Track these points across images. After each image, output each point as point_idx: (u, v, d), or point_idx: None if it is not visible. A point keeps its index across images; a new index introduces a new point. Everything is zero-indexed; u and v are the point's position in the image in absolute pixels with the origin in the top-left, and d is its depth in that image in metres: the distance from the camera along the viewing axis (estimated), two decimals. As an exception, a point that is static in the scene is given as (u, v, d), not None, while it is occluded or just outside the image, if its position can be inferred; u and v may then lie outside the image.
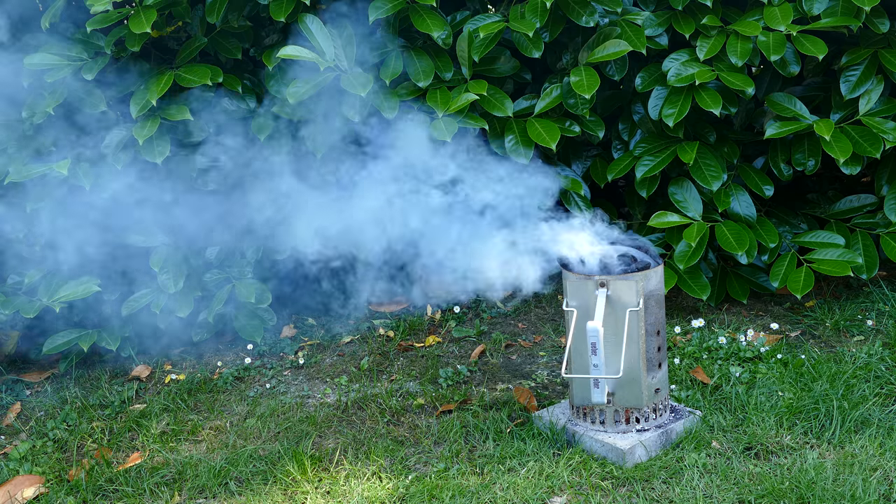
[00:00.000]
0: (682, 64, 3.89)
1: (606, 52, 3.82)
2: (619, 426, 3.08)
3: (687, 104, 3.84)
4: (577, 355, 3.06)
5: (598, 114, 4.08)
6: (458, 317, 4.27)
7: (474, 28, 3.86)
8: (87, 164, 3.71)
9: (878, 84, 3.89)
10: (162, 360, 4.04)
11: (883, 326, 3.83)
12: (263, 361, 3.98)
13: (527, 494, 2.87)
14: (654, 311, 3.04)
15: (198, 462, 3.20)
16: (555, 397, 3.51)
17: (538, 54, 3.91)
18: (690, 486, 2.86)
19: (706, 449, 3.04)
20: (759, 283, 4.08)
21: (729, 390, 3.36)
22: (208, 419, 3.54)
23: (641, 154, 4.00)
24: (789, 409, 3.20)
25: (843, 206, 4.16)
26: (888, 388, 3.33)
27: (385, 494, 2.94)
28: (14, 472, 3.23)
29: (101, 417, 3.59)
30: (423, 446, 3.23)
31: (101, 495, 3.09)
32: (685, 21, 3.93)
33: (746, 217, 3.97)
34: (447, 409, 3.46)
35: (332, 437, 3.33)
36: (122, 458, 3.30)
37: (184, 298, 3.90)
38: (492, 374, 3.74)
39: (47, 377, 3.99)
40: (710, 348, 3.66)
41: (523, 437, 3.18)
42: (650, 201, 4.23)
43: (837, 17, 3.79)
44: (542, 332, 4.11)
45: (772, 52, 3.74)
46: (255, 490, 3.02)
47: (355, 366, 3.89)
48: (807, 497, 2.75)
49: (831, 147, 3.80)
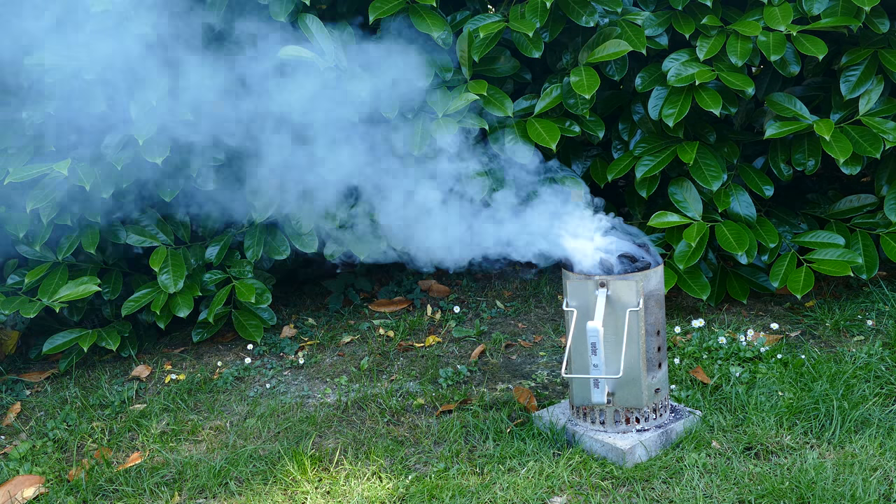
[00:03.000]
0: (682, 64, 3.89)
1: (606, 52, 3.82)
2: (619, 426, 3.08)
3: (687, 104, 3.84)
4: (577, 355, 3.06)
5: (598, 114, 4.09)
6: (458, 317, 4.27)
7: (474, 28, 3.86)
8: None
9: (878, 84, 3.90)
10: (162, 360, 4.05)
11: (883, 326, 3.83)
12: (263, 361, 3.98)
13: (527, 494, 2.87)
14: (654, 311, 3.04)
15: (198, 462, 3.20)
16: (555, 397, 3.51)
17: (538, 54, 3.91)
18: (690, 486, 2.86)
19: (706, 449, 3.04)
20: (759, 283, 4.08)
21: (729, 390, 3.36)
22: (208, 419, 3.54)
23: (641, 154, 4.00)
24: (789, 409, 3.20)
25: (843, 206, 4.16)
26: (888, 388, 3.33)
27: (385, 494, 2.94)
28: (14, 472, 3.23)
29: (101, 417, 3.59)
30: (423, 446, 3.23)
31: (101, 495, 3.09)
32: (685, 21, 3.93)
33: (746, 217, 3.97)
34: (447, 409, 3.46)
35: (332, 437, 3.33)
36: (122, 458, 3.30)
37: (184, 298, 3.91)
38: (492, 374, 3.74)
39: (47, 377, 3.99)
40: (710, 348, 3.66)
41: (523, 437, 3.18)
42: (650, 201, 4.23)
43: (837, 17, 3.79)
44: (542, 332, 4.11)
45: (772, 52, 3.74)
46: (255, 490, 3.02)
47: (355, 366, 3.89)
48: (807, 497, 2.75)
49: (831, 147, 3.80)
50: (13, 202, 3.80)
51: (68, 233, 3.92)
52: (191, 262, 4.04)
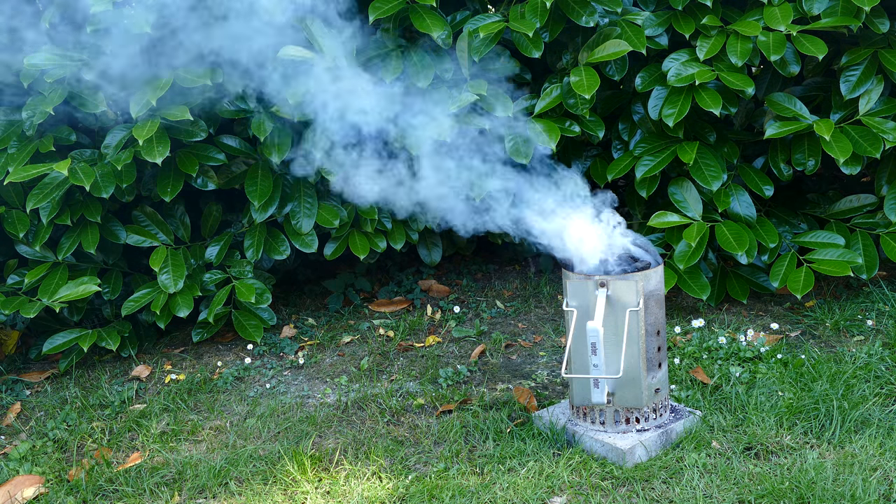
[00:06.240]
0: (682, 64, 3.89)
1: (606, 52, 3.82)
2: (619, 426, 3.08)
3: (687, 104, 3.84)
4: (577, 355, 3.06)
5: (598, 114, 4.09)
6: (458, 317, 4.27)
7: (474, 28, 3.86)
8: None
9: (878, 84, 3.90)
10: (162, 360, 4.05)
11: (883, 326, 3.83)
12: (263, 361, 3.98)
13: (527, 494, 2.87)
14: (654, 311, 3.04)
15: (198, 462, 3.20)
16: (555, 397, 3.51)
17: (538, 54, 3.91)
18: (690, 486, 2.86)
19: (706, 449, 3.04)
20: (759, 283, 4.08)
21: (729, 390, 3.36)
22: (208, 419, 3.54)
23: (641, 154, 4.00)
24: (789, 409, 3.20)
25: (843, 206, 4.16)
26: (888, 388, 3.33)
27: (385, 494, 2.94)
28: (14, 472, 3.23)
29: (101, 417, 3.59)
30: (423, 446, 3.23)
31: (101, 495, 3.09)
32: (685, 21, 3.93)
33: (746, 217, 3.97)
34: (447, 409, 3.46)
35: (332, 437, 3.33)
36: (122, 458, 3.30)
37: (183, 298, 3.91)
38: (492, 374, 3.74)
39: (47, 377, 3.99)
40: (710, 348, 3.66)
41: (523, 437, 3.18)
42: (650, 201, 4.23)
43: (837, 17, 3.79)
44: (542, 332, 4.11)
45: (772, 52, 3.74)
46: (255, 490, 3.02)
47: (355, 366, 3.89)
48: (807, 497, 2.75)
49: (831, 147, 3.80)
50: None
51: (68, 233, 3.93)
52: (191, 262, 4.05)
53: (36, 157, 3.82)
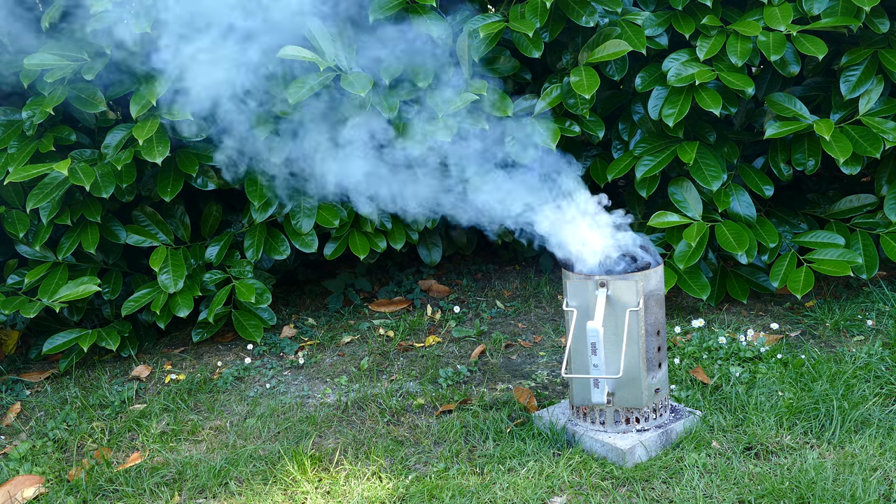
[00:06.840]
0: (682, 64, 3.89)
1: (606, 52, 3.82)
2: (619, 426, 3.08)
3: (687, 104, 3.84)
4: (577, 355, 3.06)
5: (598, 114, 4.09)
6: (458, 317, 4.27)
7: (474, 28, 3.86)
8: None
9: (878, 84, 3.89)
10: (162, 360, 4.05)
11: (883, 326, 3.83)
12: (263, 361, 3.98)
13: (527, 494, 2.87)
14: (654, 311, 3.04)
15: (198, 462, 3.20)
16: (555, 397, 3.51)
17: (538, 54, 3.90)
18: (690, 486, 2.86)
19: (706, 449, 3.04)
20: (759, 283, 4.08)
21: (729, 390, 3.36)
22: (208, 419, 3.54)
23: (641, 154, 4.00)
24: (789, 409, 3.20)
25: (843, 206, 4.16)
26: (888, 388, 3.33)
27: (385, 494, 2.94)
28: (14, 472, 3.23)
29: (101, 417, 3.59)
30: (423, 446, 3.23)
31: (101, 495, 3.09)
32: (685, 21, 3.93)
33: (746, 217, 3.97)
34: (447, 409, 3.46)
35: (332, 437, 3.33)
36: (122, 458, 3.30)
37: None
38: (492, 374, 3.74)
39: (47, 377, 3.99)
40: (710, 348, 3.66)
41: (523, 437, 3.18)
42: (650, 201, 4.23)
43: (837, 17, 3.79)
44: (542, 332, 4.11)
45: (772, 52, 3.74)
46: (255, 490, 3.02)
47: (355, 366, 3.89)
48: (807, 497, 2.75)
49: (831, 147, 3.80)
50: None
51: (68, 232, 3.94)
52: (191, 262, 4.05)
53: (36, 157, 3.82)
